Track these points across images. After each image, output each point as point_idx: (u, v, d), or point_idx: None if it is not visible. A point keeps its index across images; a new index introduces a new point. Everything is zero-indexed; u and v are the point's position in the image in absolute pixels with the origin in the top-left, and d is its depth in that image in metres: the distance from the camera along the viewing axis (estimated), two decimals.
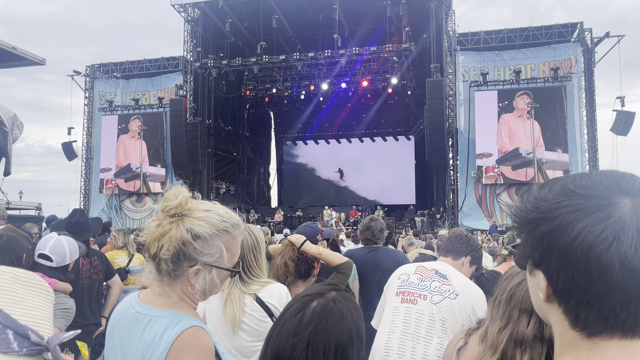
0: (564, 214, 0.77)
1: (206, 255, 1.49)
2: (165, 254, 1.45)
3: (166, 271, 1.48)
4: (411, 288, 2.88)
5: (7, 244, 3.19)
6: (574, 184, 0.80)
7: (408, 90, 28.62)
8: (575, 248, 0.74)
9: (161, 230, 1.48)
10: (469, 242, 3.09)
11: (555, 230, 0.77)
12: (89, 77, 28.72)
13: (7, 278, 0.93)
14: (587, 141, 22.58)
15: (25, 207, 11.79)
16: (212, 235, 1.49)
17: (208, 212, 1.51)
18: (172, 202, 1.49)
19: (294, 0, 24.61)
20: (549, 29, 23.22)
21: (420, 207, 28.43)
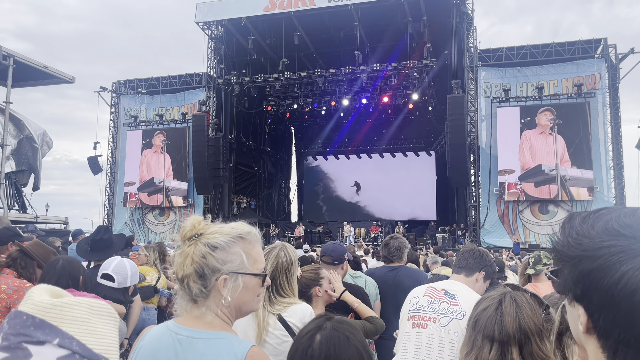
0: (607, 255, 0.76)
1: (228, 263, 1.57)
2: (189, 271, 1.55)
3: (198, 290, 1.55)
4: (421, 312, 2.88)
5: (63, 268, 3.27)
6: (618, 223, 0.79)
7: (429, 106, 28.58)
8: (618, 290, 0.73)
9: (184, 255, 1.58)
10: (482, 257, 3.06)
11: (598, 270, 0.76)
12: (114, 93, 29.35)
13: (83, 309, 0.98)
14: (612, 158, 22.20)
15: (53, 222, 12.06)
16: (228, 243, 1.58)
17: (221, 227, 1.64)
18: (186, 227, 1.62)
19: (316, 17, 24.89)
20: (572, 45, 23.04)
21: (442, 224, 28.20)
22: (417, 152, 34.03)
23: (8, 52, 10.07)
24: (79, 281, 3.30)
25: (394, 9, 23.75)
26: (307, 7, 24.33)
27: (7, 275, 3.75)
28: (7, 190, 10.53)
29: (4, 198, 10.21)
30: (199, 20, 26.35)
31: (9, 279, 3.71)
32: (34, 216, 11.29)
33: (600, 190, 21.73)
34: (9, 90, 10.27)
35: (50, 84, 12.08)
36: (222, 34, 27.27)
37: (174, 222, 27.35)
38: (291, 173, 38.48)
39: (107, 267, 3.52)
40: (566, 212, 22.09)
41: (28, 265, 3.91)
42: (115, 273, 3.49)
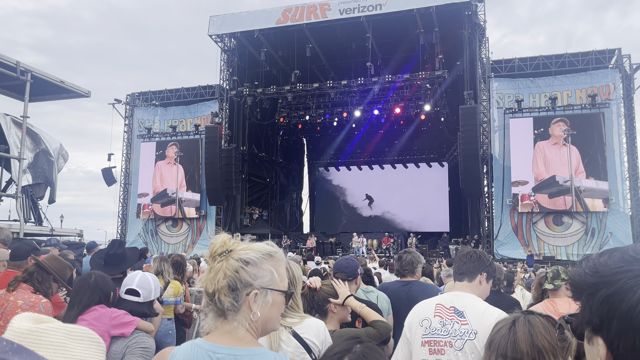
0: (624, 279, 0.76)
1: (259, 278, 1.60)
2: (222, 284, 1.57)
3: (229, 304, 1.57)
4: (435, 336, 2.81)
5: (97, 284, 3.30)
6: (635, 251, 0.80)
7: (441, 117, 28.55)
8: (637, 314, 0.73)
9: (214, 270, 1.60)
10: (480, 259, 3.00)
11: (616, 294, 0.76)
12: (128, 105, 29.70)
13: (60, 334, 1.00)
14: (627, 169, 21.95)
15: (68, 234, 12.19)
16: (260, 259, 1.62)
17: (250, 244, 1.66)
18: (216, 244, 1.64)
19: (328, 29, 25.06)
20: (585, 56, 22.91)
21: (455, 235, 28.03)
22: (430, 163, 33.94)
23: (26, 68, 10.25)
24: (110, 297, 3.33)
25: (406, 21, 23.85)
26: (319, 20, 24.52)
27: (23, 291, 3.77)
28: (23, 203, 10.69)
29: (20, 211, 10.35)
30: (212, 33, 26.65)
31: (25, 294, 3.74)
32: (50, 229, 11.43)
33: (616, 201, 21.48)
34: (27, 105, 10.44)
35: (67, 98, 12.26)
36: (235, 47, 27.54)
37: (187, 233, 27.48)
38: (303, 184, 38.59)
39: (131, 282, 3.57)
40: (581, 223, 21.86)
41: (44, 280, 3.93)
42: (140, 287, 3.54)
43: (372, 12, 23.76)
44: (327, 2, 24.64)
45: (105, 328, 3.07)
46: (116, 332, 3.10)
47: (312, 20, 24.60)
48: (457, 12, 23.26)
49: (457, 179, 25.16)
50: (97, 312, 3.15)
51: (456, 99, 25.49)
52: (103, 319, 3.11)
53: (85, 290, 3.23)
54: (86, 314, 3.14)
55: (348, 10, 24.18)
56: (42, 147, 11.66)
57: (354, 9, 24.04)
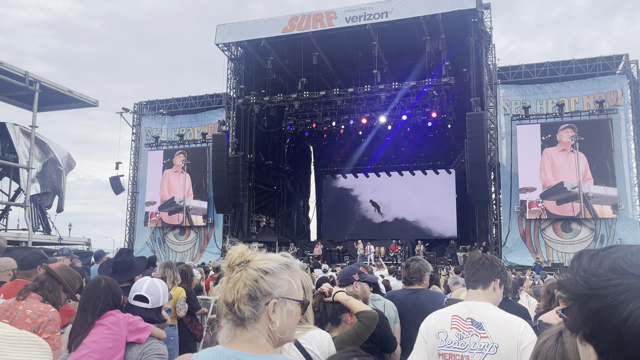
0: (614, 294, 0.76)
1: (278, 287, 1.61)
2: (242, 293, 1.58)
3: (250, 312, 1.58)
4: (452, 349, 2.74)
5: (109, 287, 3.31)
6: (625, 261, 0.79)
7: (448, 124, 28.52)
8: (626, 329, 0.73)
9: (233, 280, 1.61)
10: (493, 265, 2.90)
11: (606, 308, 0.76)
12: (136, 114, 29.89)
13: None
14: (636, 175, 21.80)
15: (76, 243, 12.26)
16: (278, 269, 1.63)
17: (267, 254, 1.68)
18: (234, 255, 1.65)
19: (334, 37, 25.15)
20: (592, 62, 22.84)
21: (462, 242, 27.90)
22: (437, 170, 33.87)
23: (34, 78, 10.36)
24: (121, 301, 3.34)
25: (412, 28, 23.90)
26: (325, 28, 24.62)
27: (32, 300, 3.79)
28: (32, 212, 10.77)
29: (29, 220, 10.42)
30: (219, 42, 26.81)
31: (34, 303, 3.76)
32: (58, 237, 11.50)
33: (625, 207, 21.32)
34: (35, 114, 10.53)
35: (75, 108, 12.37)
36: (242, 55, 27.68)
37: (194, 241, 27.53)
38: (310, 191, 38.60)
39: (139, 288, 3.58)
40: (590, 230, 21.71)
41: (55, 289, 3.95)
42: (149, 294, 3.55)
43: (379, 20, 23.83)
44: (334, 10, 24.75)
45: (124, 333, 3.08)
46: (132, 338, 3.10)
47: (319, 28, 24.71)
48: (463, 19, 23.29)
49: (464, 185, 25.07)
50: (115, 317, 3.15)
51: (463, 106, 25.46)
52: (121, 324, 3.11)
53: (99, 295, 3.23)
54: (103, 319, 3.13)
55: (354, 18, 24.27)
56: (51, 157, 11.76)
57: (360, 17, 24.13)
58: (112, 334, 3.04)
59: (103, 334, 3.03)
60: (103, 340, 3.01)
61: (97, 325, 3.10)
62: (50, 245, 10.64)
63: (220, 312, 1.70)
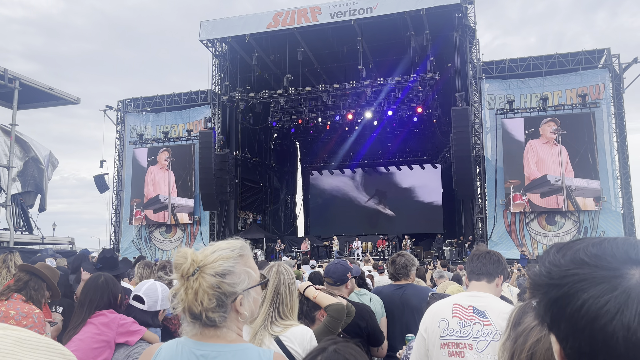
0: (570, 283, 0.79)
1: (239, 283, 1.59)
2: (209, 305, 1.53)
3: (219, 318, 1.56)
4: (454, 338, 2.71)
5: (107, 284, 3.31)
6: (585, 253, 0.82)
7: (433, 119, 28.61)
8: (580, 318, 0.75)
9: (192, 290, 1.54)
10: (499, 260, 2.91)
11: (562, 298, 0.79)
12: (120, 112, 29.57)
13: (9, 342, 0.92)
14: (618, 167, 22.10)
15: (59, 242, 12.10)
16: (233, 265, 1.59)
17: (216, 252, 1.61)
18: (185, 264, 1.56)
19: (319, 33, 25.08)
20: (575, 56, 23.06)
21: (449, 236, 28.08)
22: (423, 164, 34.00)
23: (14, 75, 10.18)
24: (118, 299, 3.34)
25: (397, 24, 23.92)
26: (310, 23, 24.54)
27: (15, 301, 3.74)
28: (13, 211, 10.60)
29: (10, 219, 10.26)
30: (204, 38, 26.60)
31: (18, 304, 3.70)
32: (40, 237, 11.34)
33: (608, 200, 21.60)
34: (15, 112, 10.36)
35: (56, 105, 12.20)
36: (227, 51, 27.50)
37: (181, 238, 27.36)
38: (297, 188, 38.53)
39: (139, 289, 3.58)
40: (574, 222, 21.97)
41: (40, 288, 3.93)
42: (146, 295, 3.54)
43: (363, 15, 23.81)
44: (318, 6, 24.67)
45: (112, 335, 3.08)
46: (121, 340, 3.11)
47: (303, 24, 24.62)
48: (448, 14, 23.35)
49: (450, 180, 25.21)
50: (107, 317, 3.15)
51: (448, 101, 25.58)
52: (111, 325, 3.11)
53: (96, 290, 3.25)
54: (94, 318, 3.14)
55: (339, 14, 24.22)
56: (32, 155, 11.57)
57: (345, 12, 24.08)
58: (100, 334, 3.05)
59: (91, 334, 3.05)
60: (90, 339, 3.02)
61: (88, 324, 3.11)
62: (32, 245, 10.50)
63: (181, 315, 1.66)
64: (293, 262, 14.82)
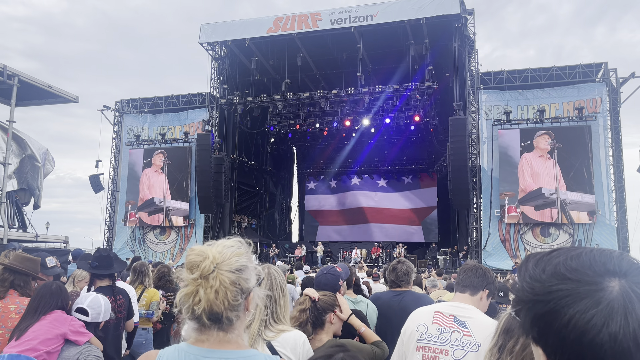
0: (556, 299, 0.80)
1: (250, 279, 1.59)
2: (233, 301, 1.52)
3: (235, 318, 1.55)
4: (431, 342, 2.77)
5: (60, 290, 3.43)
6: (565, 267, 0.84)
7: (430, 128, 28.69)
8: (568, 333, 0.77)
9: (212, 289, 1.50)
10: (485, 275, 2.98)
11: (549, 313, 0.81)
12: (117, 112, 29.50)
13: None
14: (613, 181, 22.20)
15: (52, 241, 12.02)
16: (246, 261, 1.60)
17: (227, 249, 1.59)
18: (205, 262, 1.53)
19: (319, 39, 25.15)
20: (572, 69, 23.20)
21: (443, 246, 28.10)
22: (419, 173, 34.04)
23: (13, 72, 10.14)
24: (68, 306, 3.45)
25: (397, 32, 24.02)
26: (310, 29, 24.60)
27: (11, 295, 3.80)
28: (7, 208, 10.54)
29: (4, 216, 10.19)
30: (203, 41, 26.61)
31: (16, 298, 3.78)
32: (34, 235, 11.26)
33: (602, 213, 21.68)
34: (13, 109, 10.32)
35: (54, 103, 12.15)
36: (226, 55, 27.51)
37: (175, 241, 27.25)
38: (292, 193, 38.48)
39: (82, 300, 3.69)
40: (568, 235, 22.03)
41: (26, 282, 3.98)
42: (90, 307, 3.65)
43: (363, 23, 23.89)
44: (319, 12, 24.75)
45: (63, 330, 3.20)
46: (72, 337, 3.22)
47: (303, 29, 24.67)
48: (447, 24, 23.47)
49: (445, 189, 25.24)
50: (58, 314, 3.29)
51: (445, 110, 25.65)
52: (64, 322, 3.25)
53: (51, 295, 3.35)
54: (48, 315, 3.26)
55: (339, 21, 24.29)
56: (28, 153, 11.50)
57: (345, 19, 24.16)
58: (53, 328, 3.19)
59: (44, 327, 3.18)
60: (44, 331, 3.15)
61: (40, 320, 3.23)
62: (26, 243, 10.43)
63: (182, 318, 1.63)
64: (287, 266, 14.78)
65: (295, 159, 38.30)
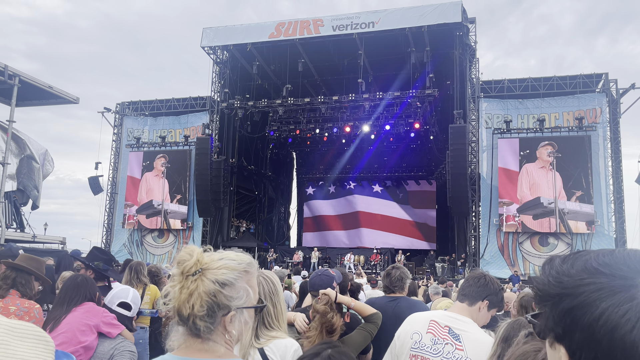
0: (587, 292, 0.77)
1: (236, 299, 1.50)
2: (199, 311, 1.44)
3: (205, 327, 1.47)
4: (424, 352, 2.74)
5: (86, 281, 3.43)
6: (597, 262, 0.81)
7: (430, 135, 28.71)
8: (599, 327, 0.74)
9: (187, 291, 1.46)
10: (487, 285, 2.86)
11: (579, 307, 0.77)
12: (118, 114, 29.53)
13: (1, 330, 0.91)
14: (612, 192, 22.20)
15: (50, 241, 12.00)
16: (236, 278, 1.50)
17: (223, 260, 1.52)
18: (189, 262, 1.49)
19: (320, 45, 25.22)
20: (573, 79, 23.26)
21: (441, 253, 28.04)
22: (418, 180, 34.04)
23: (14, 72, 10.16)
24: (95, 298, 3.43)
25: (398, 39, 24.08)
26: (312, 35, 24.67)
27: (12, 297, 3.77)
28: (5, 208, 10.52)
29: (2, 217, 10.18)
30: (205, 45, 26.67)
31: (17, 299, 3.75)
32: (32, 235, 11.25)
33: (601, 223, 21.67)
34: (13, 109, 10.33)
35: (55, 104, 12.17)
36: (227, 59, 27.57)
37: (173, 244, 27.20)
38: (291, 198, 38.45)
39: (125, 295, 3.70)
40: (566, 244, 22.01)
41: (27, 281, 3.95)
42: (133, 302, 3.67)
43: (365, 30, 23.96)
44: (321, 18, 24.82)
45: (96, 321, 3.19)
46: (105, 329, 3.21)
47: (305, 35, 24.74)
48: (449, 32, 23.54)
49: (445, 197, 25.21)
50: (90, 306, 3.28)
51: (445, 118, 25.68)
52: (96, 313, 3.24)
53: (77, 287, 3.34)
54: (79, 307, 3.25)
55: (341, 27, 24.36)
56: (27, 153, 11.50)
57: (347, 25, 24.23)
58: (85, 319, 3.17)
59: (78, 318, 3.17)
60: (77, 322, 3.14)
61: (72, 311, 3.22)
62: (23, 243, 10.41)
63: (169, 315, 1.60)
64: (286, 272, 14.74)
65: (295, 164, 38.30)
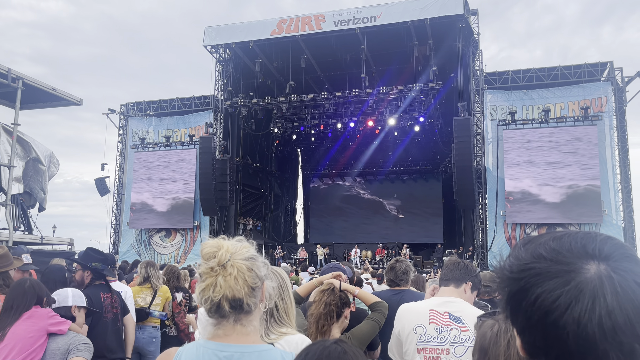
0: (527, 277, 0.79)
1: (262, 268, 1.66)
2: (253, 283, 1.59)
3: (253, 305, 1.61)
4: (431, 343, 2.78)
5: (33, 288, 3.43)
6: (544, 247, 0.82)
7: (435, 129, 28.64)
8: (534, 312, 0.76)
9: (232, 276, 1.57)
10: (467, 268, 3.07)
11: (519, 292, 0.79)
12: (123, 115, 29.62)
13: None
14: (620, 181, 22.06)
15: (58, 243, 12.12)
16: (254, 252, 1.67)
17: (237, 242, 1.68)
18: (221, 251, 1.60)
19: (323, 41, 25.16)
20: (578, 68, 23.08)
21: (449, 246, 28.02)
22: (424, 174, 33.98)
23: (17, 75, 10.22)
24: (43, 301, 3.46)
25: (401, 33, 23.98)
26: (314, 31, 24.62)
27: None
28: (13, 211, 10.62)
29: (9, 219, 10.27)
30: (207, 44, 26.68)
31: None
32: (39, 237, 11.35)
33: (609, 213, 21.54)
34: (17, 112, 10.40)
35: (59, 106, 12.25)
36: (230, 57, 27.57)
37: (180, 243, 27.31)
38: (297, 194, 38.51)
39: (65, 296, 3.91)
40: None
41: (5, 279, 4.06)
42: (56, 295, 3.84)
43: (367, 24, 23.88)
44: (322, 14, 24.77)
45: (44, 324, 3.25)
46: (54, 329, 3.26)
47: (307, 31, 24.69)
48: (451, 24, 23.42)
49: (451, 190, 25.17)
50: (35, 311, 3.32)
51: (450, 111, 25.60)
52: (41, 316, 3.28)
53: (24, 294, 3.36)
54: (27, 312, 3.29)
55: (343, 22, 24.29)
56: (33, 155, 11.58)
57: (349, 20, 24.16)
58: (32, 325, 3.22)
59: (24, 326, 3.21)
60: (24, 331, 3.18)
61: (20, 319, 3.26)
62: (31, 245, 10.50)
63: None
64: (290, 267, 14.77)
65: (300, 160, 38.34)
